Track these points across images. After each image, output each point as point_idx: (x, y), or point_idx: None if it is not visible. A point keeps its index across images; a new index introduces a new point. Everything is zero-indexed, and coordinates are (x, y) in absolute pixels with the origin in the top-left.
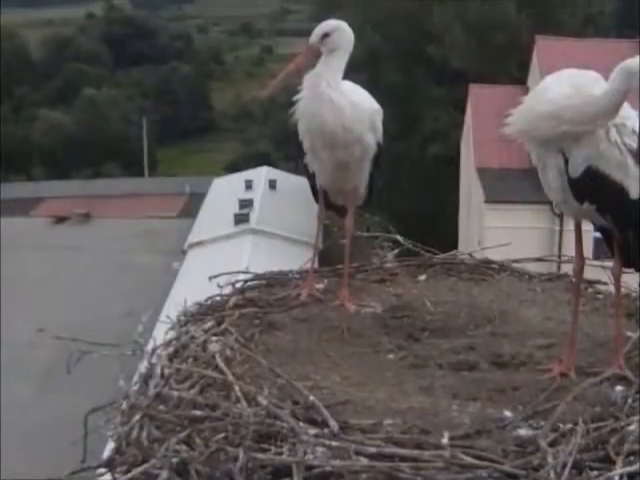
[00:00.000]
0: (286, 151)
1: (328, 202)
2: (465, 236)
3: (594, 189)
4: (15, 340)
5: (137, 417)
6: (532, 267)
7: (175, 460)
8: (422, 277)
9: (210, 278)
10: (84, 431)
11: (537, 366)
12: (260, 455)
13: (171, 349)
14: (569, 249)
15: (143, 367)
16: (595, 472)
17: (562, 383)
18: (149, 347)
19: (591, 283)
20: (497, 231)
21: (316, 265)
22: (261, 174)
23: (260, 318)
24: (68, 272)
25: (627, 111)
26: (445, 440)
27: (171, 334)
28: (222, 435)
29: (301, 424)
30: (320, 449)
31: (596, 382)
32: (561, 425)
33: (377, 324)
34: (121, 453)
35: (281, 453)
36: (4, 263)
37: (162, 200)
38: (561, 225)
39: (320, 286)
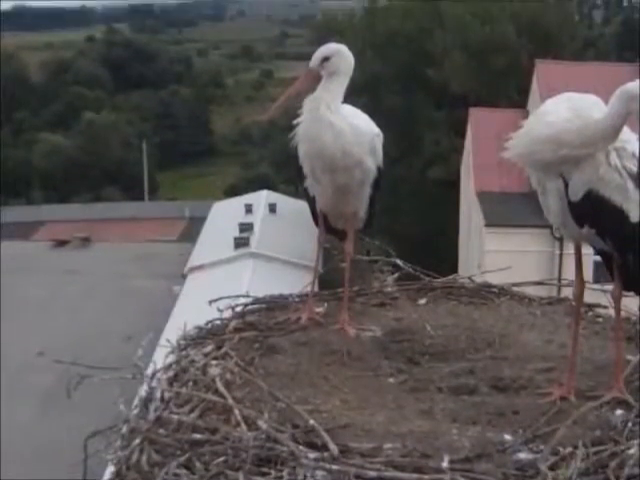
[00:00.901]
0: (286, 175)
1: (328, 226)
2: (465, 260)
3: (594, 213)
4: (15, 363)
5: (137, 441)
6: (532, 291)
7: None
8: (422, 301)
9: (210, 302)
10: (84, 455)
11: (537, 390)
12: (260, 479)
13: (171, 373)
14: (569, 273)
15: (143, 391)
16: None
17: (562, 407)
18: (149, 371)
19: (591, 307)
20: (497, 255)
21: (316, 289)
22: (261, 198)
23: (260, 342)
24: (68, 296)
25: (627, 135)
26: (445, 464)
27: (171, 358)
28: (222, 459)
29: (301, 448)
30: (320, 473)
31: (596, 406)
32: (561, 449)
33: (377, 348)
34: (121, 477)
35: (281, 477)
36: (4, 287)
37: (162, 224)
38: (561, 249)
39: (320, 310)
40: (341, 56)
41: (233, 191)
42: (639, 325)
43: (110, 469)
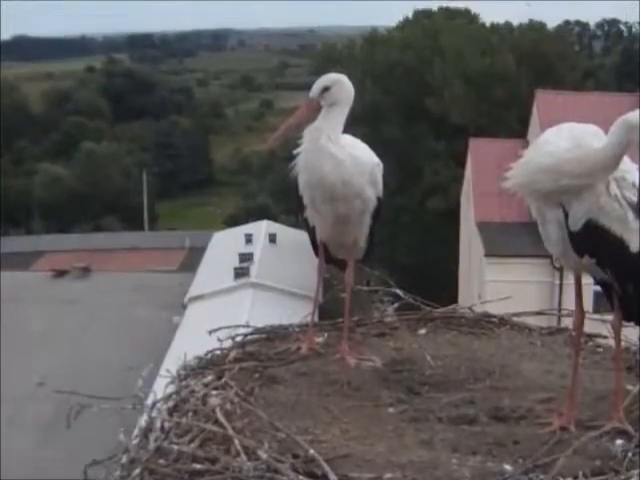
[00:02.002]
0: (286, 205)
1: (328, 256)
2: (465, 289)
3: (594, 243)
4: (15, 393)
5: (137, 471)
6: (532, 321)
7: None
8: (422, 331)
9: (210, 332)
10: None
11: (537, 420)
12: None
13: (171, 403)
14: (569, 303)
15: (143, 421)
16: None
17: (562, 437)
18: (149, 401)
19: (591, 336)
20: (497, 285)
21: (316, 319)
22: (261, 228)
23: (260, 372)
24: (68, 326)
25: (627, 165)
26: None
27: (171, 388)
28: None
29: (301, 478)
30: None
31: (596, 436)
32: (561, 479)
33: (377, 378)
34: None
35: None
36: (4, 317)
37: (162, 254)
38: (561, 279)
39: (320, 340)
40: (341, 86)
41: (233, 221)
42: (639, 355)
43: None
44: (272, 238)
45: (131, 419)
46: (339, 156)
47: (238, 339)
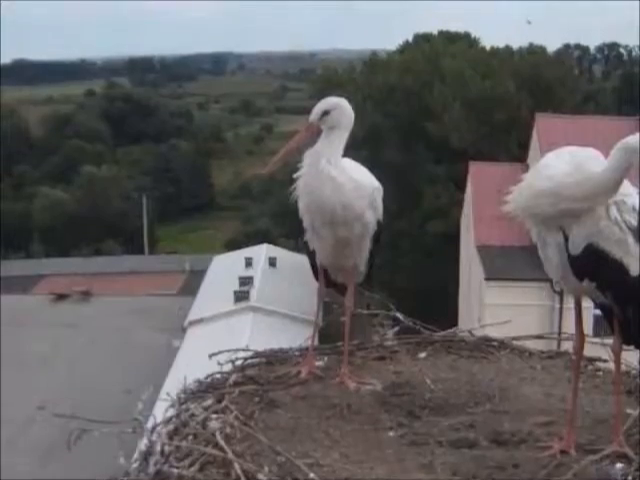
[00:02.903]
0: (286, 229)
1: (328, 279)
2: (465, 313)
3: (594, 266)
4: (15, 417)
5: None
6: (532, 344)
7: None
8: (422, 354)
9: (210, 355)
10: None
11: (537, 443)
12: None
13: (171, 426)
14: (569, 326)
15: (143, 444)
16: None
17: (562, 460)
18: (149, 424)
19: (591, 360)
20: (497, 308)
21: (316, 342)
22: (261, 252)
23: (260, 396)
24: (68, 349)
25: (627, 188)
26: None
27: (171, 411)
28: None
29: None
30: None
31: (596, 459)
32: None
33: (377, 401)
34: None
35: None
36: (5, 340)
37: (162, 278)
38: (561, 302)
39: (320, 364)
40: (341, 110)
41: (233, 245)
42: (639, 379)
43: None
44: (272, 262)
45: (131, 443)
46: (339, 179)
47: (238, 363)
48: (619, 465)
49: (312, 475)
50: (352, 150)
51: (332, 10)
